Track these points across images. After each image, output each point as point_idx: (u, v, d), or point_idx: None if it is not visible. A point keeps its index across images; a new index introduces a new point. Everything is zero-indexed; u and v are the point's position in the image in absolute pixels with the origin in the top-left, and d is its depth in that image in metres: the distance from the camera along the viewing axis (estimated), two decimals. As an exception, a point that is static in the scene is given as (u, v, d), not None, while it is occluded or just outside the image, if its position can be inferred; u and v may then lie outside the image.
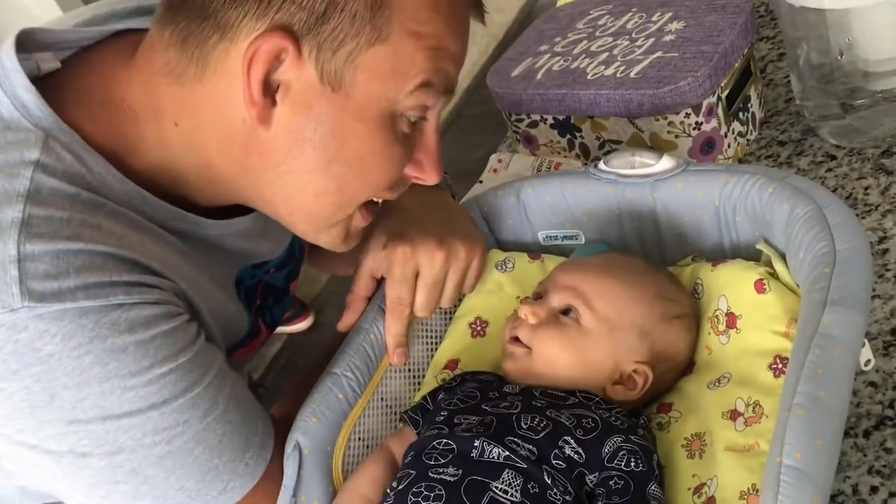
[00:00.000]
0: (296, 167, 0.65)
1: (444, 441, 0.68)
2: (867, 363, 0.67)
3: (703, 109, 0.98)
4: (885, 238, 0.88)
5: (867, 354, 0.66)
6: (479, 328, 0.86)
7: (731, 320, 0.74)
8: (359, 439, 0.76)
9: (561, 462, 0.65)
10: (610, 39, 1.10)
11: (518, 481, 0.64)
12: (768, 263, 0.75)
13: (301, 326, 2.80)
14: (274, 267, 0.84)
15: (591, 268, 0.79)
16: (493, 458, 0.65)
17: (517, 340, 0.76)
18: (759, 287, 0.73)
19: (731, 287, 0.75)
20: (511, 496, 0.63)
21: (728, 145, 1.03)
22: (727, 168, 0.80)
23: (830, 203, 0.71)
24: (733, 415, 0.69)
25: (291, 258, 0.87)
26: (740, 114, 1.05)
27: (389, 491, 0.67)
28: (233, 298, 0.77)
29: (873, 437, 0.72)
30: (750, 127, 1.08)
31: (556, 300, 0.76)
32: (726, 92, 1.00)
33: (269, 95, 0.63)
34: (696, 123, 0.99)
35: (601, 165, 0.84)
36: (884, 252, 0.86)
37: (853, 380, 0.62)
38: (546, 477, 0.64)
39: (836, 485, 0.70)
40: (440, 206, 0.87)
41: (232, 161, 0.67)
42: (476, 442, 0.66)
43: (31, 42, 0.66)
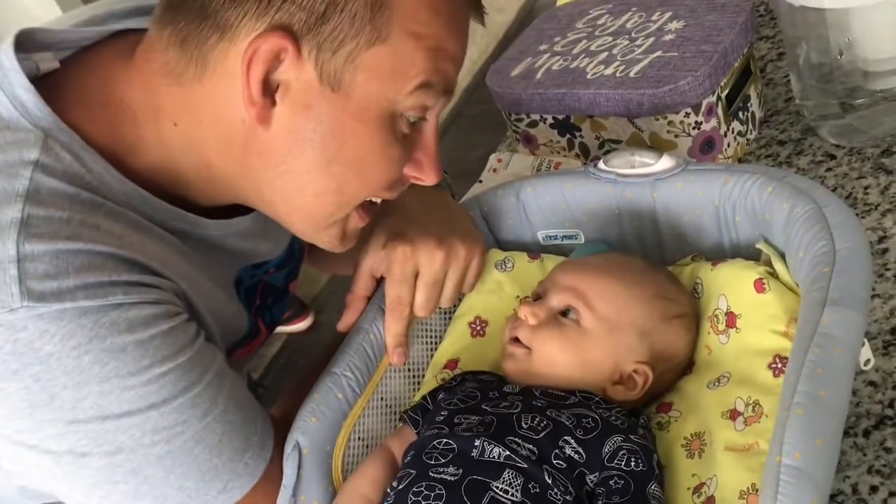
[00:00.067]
0: (295, 167, 0.65)
1: (445, 441, 0.68)
2: (867, 362, 0.67)
3: (703, 109, 0.98)
4: (885, 237, 0.88)
5: (867, 354, 0.66)
6: (479, 328, 0.86)
7: (731, 320, 0.74)
8: (358, 439, 0.76)
9: (561, 462, 0.65)
10: (609, 39, 1.10)
11: (518, 481, 0.63)
12: (768, 263, 0.75)
13: (301, 326, 2.80)
14: (273, 267, 0.84)
15: (591, 268, 0.79)
16: (494, 458, 0.65)
17: (517, 341, 0.76)
18: (759, 286, 0.73)
19: (731, 286, 0.75)
20: (512, 496, 0.63)
21: (728, 145, 1.03)
22: (727, 167, 0.80)
23: (830, 202, 0.71)
24: (733, 414, 0.69)
25: (291, 258, 0.87)
26: (740, 113, 1.05)
27: (390, 490, 0.67)
28: (232, 298, 0.77)
29: (873, 437, 0.72)
30: (750, 126, 1.08)
31: (556, 301, 0.76)
32: (726, 91, 1.00)
33: (269, 95, 0.63)
34: (696, 123, 0.99)
35: (601, 165, 0.84)
36: (883, 251, 0.86)
37: (853, 379, 0.62)
38: (546, 477, 0.64)
39: (836, 484, 0.70)
40: (440, 206, 0.87)
41: (231, 161, 0.67)
42: (476, 441, 0.66)
43: (31, 42, 0.66)
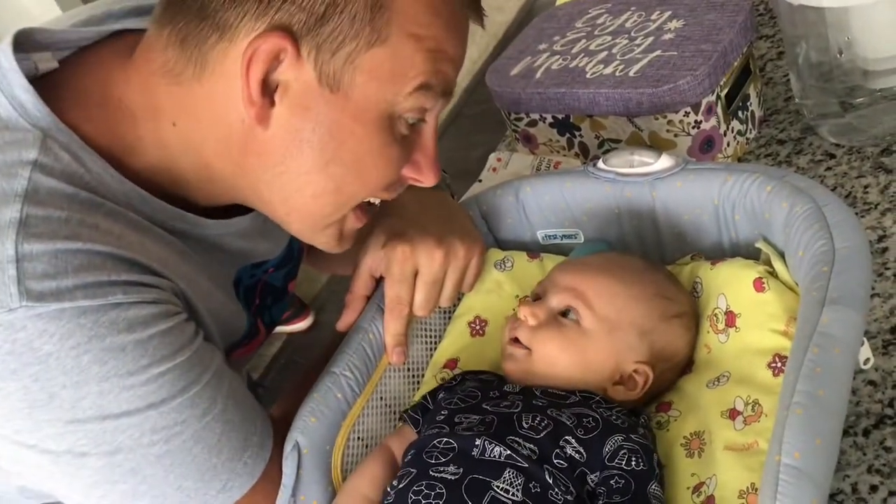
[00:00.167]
0: (294, 167, 0.65)
1: (445, 440, 0.68)
2: (866, 362, 0.67)
3: (703, 108, 0.98)
4: (885, 237, 0.88)
5: (866, 353, 0.66)
6: (479, 327, 0.86)
7: (731, 319, 0.74)
8: (358, 439, 0.76)
9: (562, 461, 0.65)
10: (609, 38, 1.10)
11: (519, 481, 0.63)
12: (767, 262, 0.75)
13: (301, 326, 2.79)
14: (272, 266, 0.84)
15: (590, 268, 0.79)
16: (495, 458, 0.65)
17: (517, 342, 0.76)
18: (759, 286, 0.73)
19: (731, 286, 0.75)
20: (512, 495, 0.63)
21: (727, 144, 1.03)
22: (726, 167, 0.80)
23: (829, 201, 0.71)
24: (732, 413, 0.69)
25: (290, 258, 0.87)
26: (739, 112, 1.05)
27: (390, 489, 0.67)
28: (231, 298, 0.77)
29: (873, 436, 0.72)
30: (749, 125, 1.07)
31: (556, 301, 0.76)
32: (725, 90, 1.00)
33: (268, 95, 0.63)
34: (696, 122, 0.99)
35: (600, 164, 0.84)
36: (883, 251, 0.86)
37: (852, 378, 0.62)
38: (547, 476, 0.64)
39: (836, 483, 0.70)
40: (439, 205, 0.87)
41: (230, 161, 0.67)
42: (477, 441, 0.66)
43: (29, 42, 0.66)
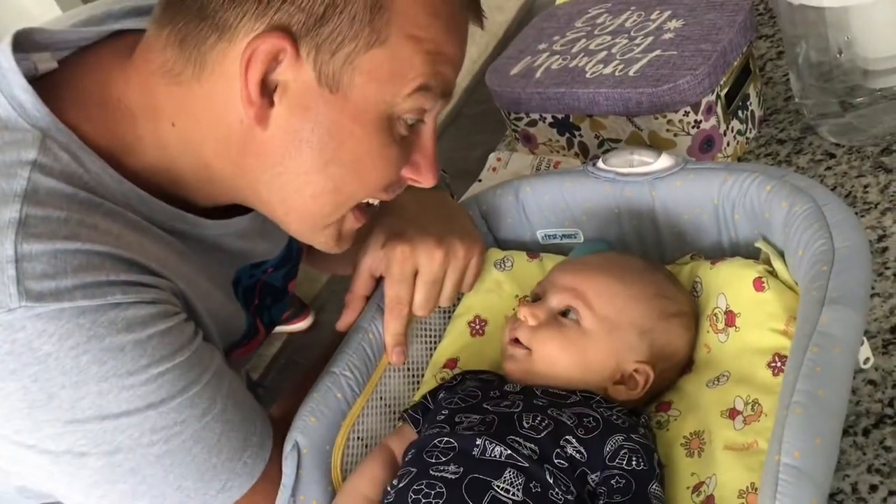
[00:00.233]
0: (293, 168, 0.65)
1: (446, 439, 0.68)
2: (866, 361, 0.67)
3: (702, 108, 0.98)
4: (885, 236, 0.88)
5: (866, 352, 0.66)
6: (478, 327, 0.86)
7: (730, 318, 0.74)
8: (358, 439, 0.76)
9: (563, 461, 0.65)
10: (609, 38, 1.10)
11: (520, 480, 0.63)
12: (767, 261, 0.75)
13: (301, 326, 2.79)
14: (272, 267, 0.84)
15: (590, 268, 0.79)
16: (495, 457, 0.65)
17: (517, 342, 0.76)
18: (758, 285, 0.73)
19: (730, 285, 0.75)
20: (513, 495, 0.63)
21: (727, 143, 1.03)
22: (726, 166, 0.80)
23: (829, 201, 0.71)
24: (732, 413, 0.69)
25: (289, 258, 0.87)
26: (739, 112, 1.05)
27: (390, 489, 0.67)
28: (231, 298, 0.77)
29: (872, 436, 0.72)
30: (749, 125, 1.07)
31: (556, 301, 0.76)
32: (725, 90, 1.00)
33: (267, 96, 0.63)
34: (695, 122, 0.99)
35: (600, 164, 0.84)
36: (883, 250, 0.86)
37: (852, 378, 0.62)
38: (548, 476, 0.64)
39: (836, 483, 0.69)
40: (439, 205, 0.87)
41: (229, 161, 0.67)
42: (478, 440, 0.66)
43: (29, 42, 0.66)
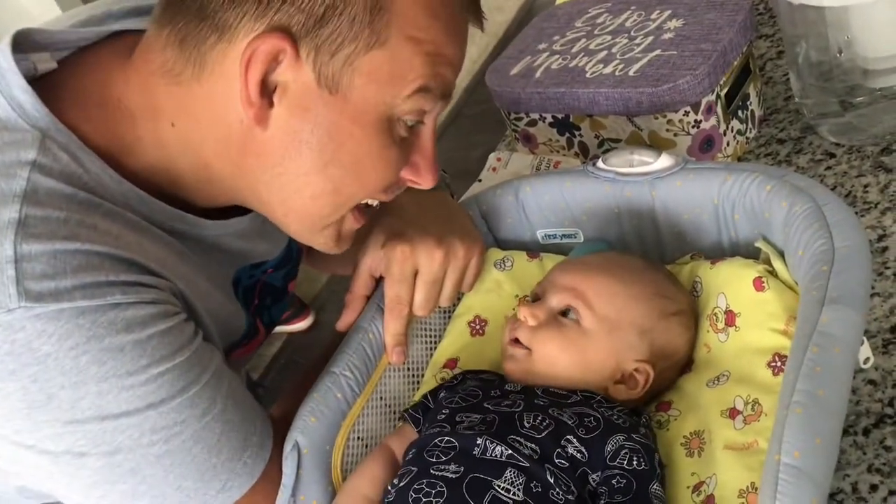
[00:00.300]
0: (292, 168, 0.65)
1: (446, 439, 0.68)
2: (866, 361, 0.67)
3: (702, 107, 0.98)
4: (885, 236, 0.88)
5: (866, 352, 0.66)
6: (478, 327, 0.86)
7: (730, 318, 0.74)
8: (358, 438, 0.76)
9: (564, 461, 0.65)
10: (609, 38, 1.10)
11: (521, 480, 0.63)
12: (767, 261, 0.75)
13: (301, 326, 2.79)
14: (272, 267, 0.84)
15: (590, 267, 0.79)
16: (496, 457, 0.65)
17: (517, 342, 0.76)
18: (758, 285, 0.73)
19: (730, 285, 0.75)
20: (514, 495, 0.63)
21: (727, 143, 1.03)
22: (726, 166, 0.80)
23: (829, 201, 0.71)
24: (732, 413, 0.69)
25: (289, 258, 0.87)
26: (739, 112, 1.05)
27: (390, 488, 0.67)
28: (230, 298, 0.77)
29: (872, 435, 0.72)
30: (749, 125, 1.07)
31: (556, 301, 0.76)
32: (725, 90, 1.00)
33: (267, 96, 0.63)
34: (695, 121, 0.99)
35: (600, 164, 0.84)
36: (883, 250, 0.86)
37: (852, 378, 0.62)
38: (549, 476, 0.64)
39: (836, 483, 0.69)
40: (439, 205, 0.87)
41: (229, 162, 0.67)
42: (479, 440, 0.66)
43: (28, 42, 0.66)
